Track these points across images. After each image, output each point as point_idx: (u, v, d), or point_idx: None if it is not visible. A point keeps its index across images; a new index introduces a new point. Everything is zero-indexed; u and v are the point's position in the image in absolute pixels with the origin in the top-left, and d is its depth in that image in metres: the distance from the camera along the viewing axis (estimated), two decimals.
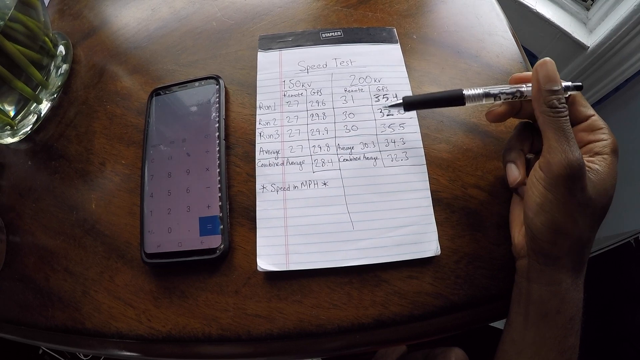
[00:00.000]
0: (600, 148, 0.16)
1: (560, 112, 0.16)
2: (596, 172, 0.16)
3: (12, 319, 0.21)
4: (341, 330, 0.19)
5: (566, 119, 0.16)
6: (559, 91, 0.16)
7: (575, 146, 0.15)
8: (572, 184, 0.15)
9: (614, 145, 0.17)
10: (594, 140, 0.17)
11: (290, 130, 0.22)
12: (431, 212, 0.20)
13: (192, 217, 0.20)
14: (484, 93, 0.18)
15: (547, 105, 0.16)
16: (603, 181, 0.16)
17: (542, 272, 0.17)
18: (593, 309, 0.52)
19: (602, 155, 0.16)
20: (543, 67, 0.16)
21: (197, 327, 0.19)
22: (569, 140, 0.15)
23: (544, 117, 0.16)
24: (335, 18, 0.27)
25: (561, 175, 0.15)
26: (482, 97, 0.19)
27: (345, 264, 0.19)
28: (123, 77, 0.26)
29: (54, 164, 0.24)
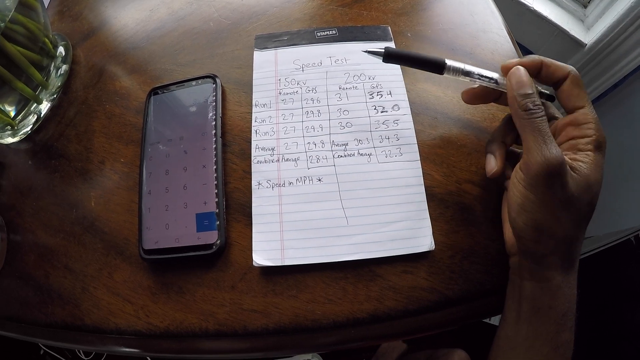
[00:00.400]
0: (583, 144, 0.16)
1: (535, 113, 0.16)
2: (578, 168, 0.16)
3: (12, 317, 0.21)
4: (336, 325, 0.19)
5: (542, 119, 0.16)
6: (532, 94, 0.17)
7: (552, 144, 0.15)
8: (551, 182, 0.15)
9: (598, 142, 0.16)
10: (578, 135, 0.17)
11: (285, 128, 0.22)
12: (425, 208, 0.20)
13: (189, 213, 0.20)
14: (464, 70, 0.19)
15: (522, 109, 0.17)
16: (586, 177, 0.16)
17: (531, 269, 0.17)
18: (592, 307, 0.52)
19: (584, 152, 0.16)
20: (515, 74, 0.17)
21: (194, 322, 0.19)
22: (546, 139, 0.16)
23: (520, 121, 0.17)
24: (330, 17, 0.27)
25: (540, 174, 0.15)
26: (461, 73, 0.19)
27: (340, 258, 0.19)
28: (122, 77, 0.27)
29: (54, 163, 0.25)
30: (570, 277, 0.16)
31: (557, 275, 0.16)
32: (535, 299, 0.17)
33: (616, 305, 0.50)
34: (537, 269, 0.17)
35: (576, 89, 0.17)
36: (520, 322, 0.17)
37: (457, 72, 0.19)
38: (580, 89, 0.17)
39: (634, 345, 0.46)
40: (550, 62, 0.18)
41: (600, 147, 0.16)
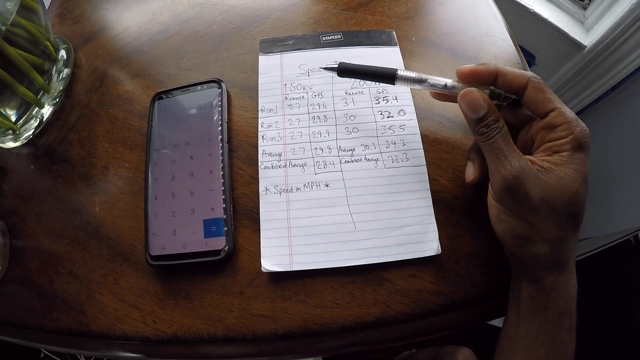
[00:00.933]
0: (558, 146, 0.16)
1: (489, 135, 0.17)
2: (550, 171, 0.16)
3: (16, 322, 0.21)
4: (344, 329, 0.19)
5: (495, 139, 0.17)
6: (485, 116, 0.17)
7: (507, 160, 0.16)
8: (513, 195, 0.16)
9: (576, 140, 0.16)
10: (554, 138, 0.17)
11: (292, 133, 0.22)
12: (431, 212, 0.20)
13: (196, 219, 0.20)
14: (416, 78, 0.19)
15: (478, 134, 0.17)
16: (559, 179, 0.16)
17: (524, 271, 0.17)
18: (592, 307, 0.52)
19: (560, 153, 0.16)
20: (464, 100, 0.18)
21: (202, 327, 0.19)
22: (500, 158, 0.16)
23: (480, 144, 0.18)
24: (335, 21, 0.27)
25: (501, 190, 0.17)
26: (412, 82, 0.20)
27: (348, 263, 0.19)
28: (125, 81, 0.27)
29: (56, 167, 0.25)
30: (563, 277, 0.17)
31: (548, 276, 0.16)
32: (532, 299, 0.17)
33: (616, 305, 0.51)
34: (527, 270, 0.17)
35: (540, 94, 0.17)
36: (519, 323, 0.17)
37: (410, 81, 0.20)
38: (545, 93, 0.17)
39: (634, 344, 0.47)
40: (506, 70, 0.18)
41: (580, 145, 0.16)
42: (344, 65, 0.21)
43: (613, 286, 0.52)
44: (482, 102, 0.17)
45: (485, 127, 0.17)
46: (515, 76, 0.17)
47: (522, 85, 0.17)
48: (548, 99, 0.17)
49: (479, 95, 0.17)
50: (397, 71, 0.20)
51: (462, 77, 0.18)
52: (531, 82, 0.17)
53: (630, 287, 0.49)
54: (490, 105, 0.17)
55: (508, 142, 0.17)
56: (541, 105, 0.17)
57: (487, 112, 0.17)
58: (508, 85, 0.18)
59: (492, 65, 0.18)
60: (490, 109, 0.17)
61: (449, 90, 0.19)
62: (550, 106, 0.17)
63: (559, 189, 0.16)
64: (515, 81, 0.17)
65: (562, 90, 0.57)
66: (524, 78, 0.17)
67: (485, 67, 0.18)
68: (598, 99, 0.54)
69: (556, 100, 0.17)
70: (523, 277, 0.17)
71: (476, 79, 0.18)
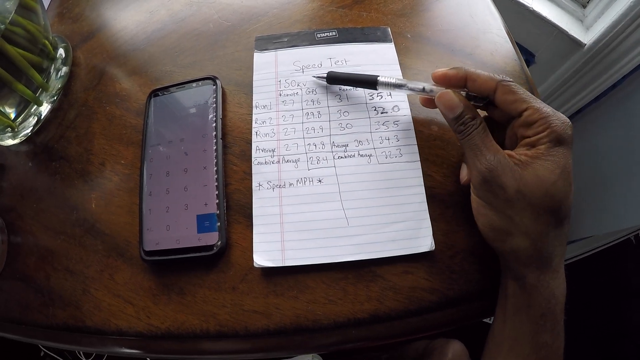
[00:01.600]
0: (536, 141, 0.17)
1: (466, 132, 0.18)
2: (526, 163, 0.16)
3: (13, 319, 0.21)
4: (337, 326, 0.19)
5: (472, 135, 0.18)
6: (461, 114, 0.18)
7: (482, 155, 0.17)
8: (490, 188, 0.17)
9: (554, 133, 0.16)
10: (532, 134, 0.17)
11: (285, 129, 0.23)
12: (425, 208, 0.20)
13: (190, 214, 0.21)
14: (395, 84, 0.21)
15: (457, 132, 0.18)
16: (534, 170, 0.16)
17: (508, 267, 0.17)
18: (593, 306, 0.52)
19: (538, 146, 0.16)
20: (441, 100, 0.19)
21: (195, 323, 0.19)
22: (476, 153, 0.17)
23: (459, 142, 0.19)
24: (330, 18, 0.27)
25: (478, 183, 0.17)
26: (393, 87, 0.21)
27: (341, 259, 0.19)
28: (122, 78, 0.27)
29: (54, 165, 0.25)
30: (547, 275, 0.16)
31: (530, 273, 0.16)
32: (516, 297, 0.17)
33: (616, 304, 0.51)
34: (510, 266, 0.17)
35: (510, 95, 0.17)
36: (505, 321, 0.17)
37: (390, 86, 0.21)
38: (516, 94, 0.17)
39: (635, 343, 0.46)
40: (475, 75, 0.18)
41: (558, 139, 0.16)
42: (332, 74, 0.23)
43: (613, 285, 0.52)
44: (458, 102, 0.18)
45: (462, 125, 0.18)
46: (483, 81, 0.18)
47: (491, 89, 0.18)
48: (520, 99, 0.17)
49: (454, 96, 0.18)
50: (378, 77, 0.21)
51: (436, 79, 0.20)
52: (500, 85, 0.18)
53: (630, 287, 0.49)
54: (467, 104, 0.18)
55: (485, 138, 0.17)
56: (513, 106, 0.17)
57: (463, 110, 0.18)
58: (478, 89, 0.18)
59: (462, 70, 0.19)
60: (467, 108, 0.18)
61: (427, 93, 0.20)
62: (523, 106, 0.17)
63: (534, 181, 0.16)
64: (484, 86, 0.18)
65: (561, 89, 0.57)
66: (493, 82, 0.18)
67: (455, 71, 0.19)
68: (598, 97, 0.53)
69: (529, 99, 0.17)
70: (508, 273, 0.18)
71: (447, 83, 0.19)
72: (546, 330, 0.16)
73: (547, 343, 0.16)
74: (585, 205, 0.53)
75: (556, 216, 0.16)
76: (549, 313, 0.16)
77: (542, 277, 0.16)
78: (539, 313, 0.16)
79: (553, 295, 0.16)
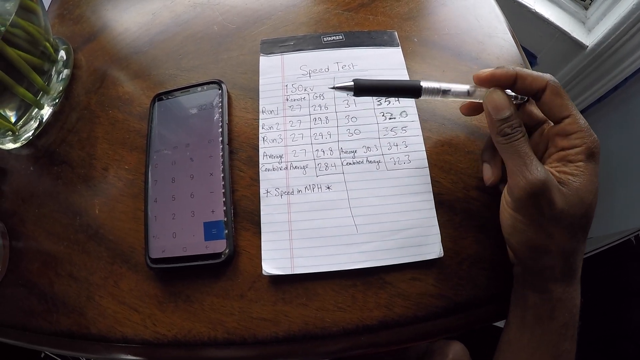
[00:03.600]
0: (573, 155, 0.16)
1: (513, 137, 0.16)
2: (568, 182, 0.16)
3: (16, 325, 0.21)
4: (346, 333, 0.19)
5: (520, 142, 0.16)
6: (509, 117, 0.17)
7: (533, 165, 0.16)
8: (537, 202, 0.16)
9: (589, 150, 0.16)
10: (567, 146, 0.16)
11: (293, 135, 0.22)
12: (434, 215, 0.20)
13: (197, 222, 0.20)
14: (440, 89, 0.18)
15: (500, 135, 0.17)
16: (577, 190, 0.16)
17: (532, 281, 0.17)
18: (594, 307, 0.52)
19: (575, 163, 0.16)
20: (490, 100, 0.17)
21: (202, 331, 0.19)
22: (526, 161, 0.16)
23: (500, 146, 0.17)
24: (336, 21, 0.27)
25: (524, 197, 0.16)
26: (438, 93, 0.18)
27: (350, 267, 0.19)
28: (124, 82, 0.26)
29: (56, 169, 0.24)
30: (570, 288, 0.16)
31: (558, 287, 0.16)
32: (537, 308, 0.17)
33: (617, 305, 0.51)
34: (537, 281, 0.17)
35: (558, 99, 0.17)
36: (523, 330, 0.17)
37: (434, 93, 0.18)
38: (562, 99, 0.17)
39: (635, 343, 0.47)
40: (525, 73, 0.17)
41: (592, 155, 0.16)
42: (360, 82, 0.17)
43: (613, 286, 0.52)
44: (508, 103, 0.17)
45: (509, 127, 0.17)
46: (534, 79, 0.17)
47: (541, 88, 0.17)
48: (565, 105, 0.17)
49: (504, 96, 0.17)
50: (421, 84, 0.18)
51: (480, 82, 0.18)
52: (550, 85, 0.17)
53: (631, 287, 0.49)
54: (515, 109, 0.17)
55: (530, 148, 0.16)
56: (557, 110, 0.17)
57: (512, 113, 0.17)
58: (527, 89, 0.17)
59: (512, 69, 0.17)
60: (515, 112, 0.17)
61: (471, 96, 0.18)
62: (565, 112, 0.17)
63: (577, 202, 0.16)
64: (534, 84, 0.17)
65: None
66: (543, 81, 0.17)
67: (504, 70, 0.17)
68: (600, 99, 0.53)
69: (572, 107, 0.17)
70: (530, 285, 0.17)
71: (495, 84, 0.18)
72: (567, 338, 0.16)
73: (567, 350, 0.16)
74: None
75: (585, 232, 0.16)
76: (570, 322, 0.16)
77: (567, 290, 0.16)
78: (562, 323, 0.16)
79: (575, 305, 0.16)
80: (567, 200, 0.16)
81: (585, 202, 0.16)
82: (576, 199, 0.16)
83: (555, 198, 0.15)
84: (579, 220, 0.16)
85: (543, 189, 0.15)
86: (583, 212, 0.16)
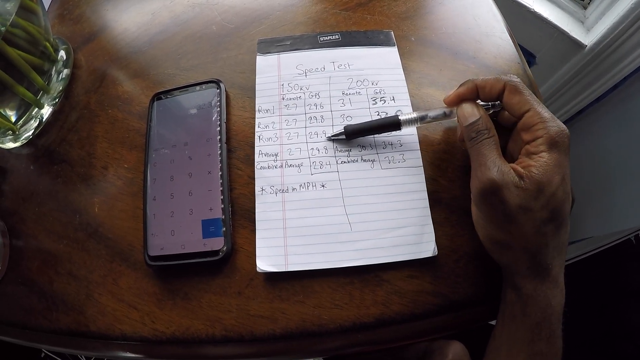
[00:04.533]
0: (534, 147, 0.16)
1: (476, 139, 0.18)
2: (529, 176, 0.16)
3: (16, 323, 0.21)
4: (343, 330, 0.19)
5: (482, 143, 0.17)
6: (474, 122, 0.18)
7: (486, 165, 0.16)
8: (490, 201, 0.16)
9: (551, 140, 0.16)
10: (530, 139, 0.17)
11: (289, 133, 0.22)
12: (428, 214, 0.20)
13: (195, 219, 0.20)
14: (418, 117, 0.20)
15: (467, 139, 0.18)
16: (536, 183, 0.16)
17: (507, 276, 0.18)
18: (593, 307, 0.52)
19: (537, 154, 0.16)
20: (460, 111, 0.19)
21: (200, 328, 0.19)
22: (481, 162, 0.17)
23: (468, 150, 0.18)
24: (334, 21, 0.27)
25: (478, 194, 0.17)
26: (416, 121, 0.21)
27: (343, 264, 0.19)
28: (124, 81, 0.27)
29: (56, 168, 0.25)
30: (544, 286, 0.16)
31: (527, 284, 0.16)
32: (513, 304, 0.17)
33: (617, 305, 0.51)
34: (508, 276, 0.17)
35: (516, 96, 0.17)
36: (503, 325, 0.18)
37: (413, 122, 0.21)
38: (521, 94, 0.17)
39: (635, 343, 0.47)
40: (484, 82, 0.18)
41: (555, 144, 0.16)
42: (349, 128, 0.21)
43: (613, 286, 0.52)
44: (475, 112, 0.18)
45: (474, 131, 0.18)
46: (492, 85, 0.18)
47: (500, 90, 0.18)
48: (523, 100, 0.17)
49: (471, 106, 0.18)
50: (399, 117, 0.21)
51: (450, 104, 0.20)
52: (507, 85, 0.18)
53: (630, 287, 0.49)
54: (484, 114, 0.18)
55: (493, 150, 0.17)
56: (517, 106, 0.17)
57: (479, 119, 0.18)
58: (489, 95, 0.18)
59: (471, 82, 0.19)
60: (483, 118, 0.18)
61: (449, 117, 0.20)
62: (525, 107, 0.17)
63: (536, 193, 0.16)
64: (493, 89, 0.18)
65: (562, 90, 0.57)
66: (500, 83, 0.18)
67: (466, 86, 0.19)
68: (598, 98, 0.53)
69: (532, 101, 0.17)
70: (506, 281, 0.18)
71: (463, 100, 0.19)
72: (541, 338, 0.16)
73: (542, 351, 0.16)
74: (585, 206, 0.53)
75: (555, 227, 0.16)
76: (544, 322, 0.16)
77: (539, 287, 0.16)
78: (534, 322, 0.16)
79: (549, 305, 0.16)
80: (525, 196, 0.16)
81: (546, 193, 0.16)
82: (535, 191, 0.16)
83: (508, 196, 0.16)
84: (539, 214, 0.16)
85: (493, 188, 0.16)
86: (544, 204, 0.16)
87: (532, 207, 0.16)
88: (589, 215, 0.52)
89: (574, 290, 0.19)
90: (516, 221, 0.16)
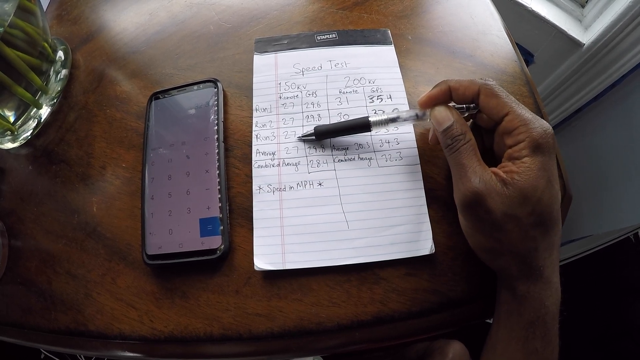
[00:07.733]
0: (517, 152, 0.16)
1: (453, 147, 0.17)
2: (512, 182, 0.15)
3: (15, 323, 0.21)
4: (341, 328, 0.19)
5: (459, 151, 0.17)
6: (449, 127, 0.17)
7: (467, 176, 0.16)
8: (474, 211, 0.16)
9: (534, 143, 0.15)
10: (512, 143, 0.16)
11: (286, 132, 0.23)
12: (425, 212, 0.20)
13: (193, 218, 0.21)
14: (389, 119, 0.20)
15: (444, 146, 0.18)
16: (520, 190, 0.15)
17: (500, 278, 0.18)
18: (594, 305, 0.52)
19: (520, 159, 0.16)
20: (433, 116, 0.18)
21: (198, 326, 0.19)
22: (461, 173, 0.16)
23: (446, 156, 0.18)
24: (331, 20, 0.27)
25: (461, 206, 0.17)
26: (387, 122, 0.20)
27: (340, 262, 0.19)
28: (122, 81, 0.27)
29: (54, 168, 0.25)
30: (537, 287, 0.16)
31: (521, 285, 0.16)
32: (507, 304, 0.17)
33: (617, 303, 0.51)
34: (501, 278, 0.17)
35: (493, 99, 0.17)
36: (499, 324, 0.18)
37: (384, 123, 0.20)
38: (498, 98, 0.17)
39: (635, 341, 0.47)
40: (457, 84, 0.18)
41: (538, 147, 0.15)
42: (319, 129, 0.21)
43: (613, 284, 0.52)
44: (448, 115, 0.17)
45: (449, 138, 0.17)
46: (466, 87, 0.17)
47: (475, 94, 0.17)
48: (501, 103, 0.16)
49: (444, 109, 0.18)
50: (369, 118, 0.20)
51: (423, 106, 0.19)
52: (482, 89, 0.17)
53: (630, 285, 0.49)
54: (458, 118, 0.17)
55: (472, 156, 0.16)
56: (495, 110, 0.17)
57: (453, 123, 0.17)
58: (462, 98, 0.18)
59: (444, 84, 0.18)
60: (457, 122, 0.17)
61: (421, 119, 0.20)
62: (504, 110, 0.16)
63: (521, 200, 0.15)
64: (467, 92, 0.17)
65: (560, 89, 0.57)
66: (475, 86, 0.17)
67: (439, 88, 0.18)
68: (596, 96, 0.53)
69: (511, 103, 0.16)
70: (500, 282, 0.18)
71: (435, 103, 0.18)
72: (536, 337, 0.16)
73: (537, 350, 0.16)
74: (584, 205, 0.53)
75: (544, 230, 0.16)
76: (538, 322, 0.16)
77: (532, 289, 0.16)
78: (529, 321, 0.16)
79: (543, 305, 0.16)
80: (509, 203, 0.15)
81: (531, 200, 0.15)
82: (520, 198, 0.15)
83: (492, 205, 0.15)
84: (526, 219, 0.15)
85: (476, 199, 0.16)
86: (530, 211, 0.15)
87: (518, 214, 0.15)
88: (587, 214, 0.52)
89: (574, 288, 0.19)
90: (504, 229, 0.16)
